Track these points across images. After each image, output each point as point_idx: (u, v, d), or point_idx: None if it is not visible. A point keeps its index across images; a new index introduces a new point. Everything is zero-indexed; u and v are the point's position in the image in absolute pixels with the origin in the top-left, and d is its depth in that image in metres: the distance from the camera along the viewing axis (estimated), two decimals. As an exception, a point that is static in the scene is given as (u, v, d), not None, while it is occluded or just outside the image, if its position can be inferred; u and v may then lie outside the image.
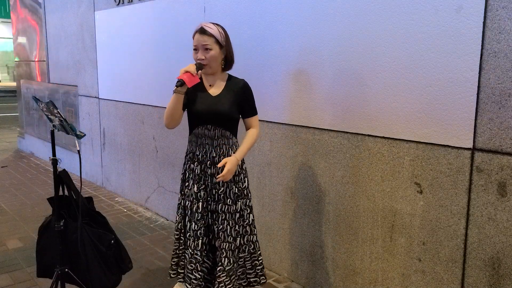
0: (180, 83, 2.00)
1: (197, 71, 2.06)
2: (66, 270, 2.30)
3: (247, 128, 2.28)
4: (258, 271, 2.33)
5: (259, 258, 2.33)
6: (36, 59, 6.53)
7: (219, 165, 2.09)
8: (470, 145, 1.95)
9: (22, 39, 6.97)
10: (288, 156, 2.80)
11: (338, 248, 2.56)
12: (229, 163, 2.08)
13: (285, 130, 2.80)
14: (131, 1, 4.19)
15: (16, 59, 7.34)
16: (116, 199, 4.69)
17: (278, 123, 2.83)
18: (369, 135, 2.34)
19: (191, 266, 2.20)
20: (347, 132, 2.44)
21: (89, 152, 5.31)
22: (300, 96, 2.66)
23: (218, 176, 2.09)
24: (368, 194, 2.37)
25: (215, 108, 2.14)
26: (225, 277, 2.15)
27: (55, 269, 2.30)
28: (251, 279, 2.32)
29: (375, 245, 2.37)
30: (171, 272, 2.37)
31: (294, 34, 2.66)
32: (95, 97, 5.03)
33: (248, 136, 2.23)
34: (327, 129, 2.54)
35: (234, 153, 2.19)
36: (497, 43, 1.84)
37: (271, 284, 2.86)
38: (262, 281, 2.35)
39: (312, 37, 2.55)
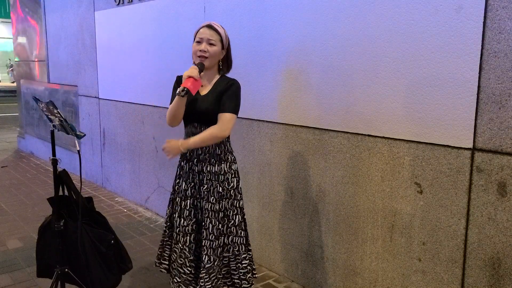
0: (185, 92, 1.98)
1: (200, 73, 2.05)
2: (66, 270, 2.30)
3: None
4: (241, 275, 2.27)
5: (243, 262, 2.27)
6: (36, 59, 6.52)
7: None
8: (470, 145, 1.95)
9: (22, 39, 6.97)
10: (288, 156, 2.80)
11: (338, 248, 2.56)
12: (168, 142, 2.13)
13: (285, 130, 2.80)
14: (131, 1, 4.19)
15: (16, 59, 7.34)
16: (116, 199, 4.69)
17: (278, 123, 2.83)
18: (369, 135, 2.34)
19: (181, 260, 2.25)
20: (347, 132, 2.44)
21: (89, 152, 5.31)
22: (300, 96, 2.66)
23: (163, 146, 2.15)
24: (368, 194, 2.37)
25: (199, 107, 2.16)
26: (204, 274, 2.18)
27: (55, 269, 2.30)
28: (235, 280, 2.29)
29: (375, 245, 2.37)
30: (156, 261, 2.44)
31: (294, 34, 2.66)
32: (95, 97, 5.03)
33: (205, 130, 2.14)
34: (327, 129, 2.53)
35: (221, 151, 2.21)
36: (497, 43, 1.84)
37: (271, 284, 2.86)
38: (244, 285, 2.28)
39: (312, 37, 2.55)
